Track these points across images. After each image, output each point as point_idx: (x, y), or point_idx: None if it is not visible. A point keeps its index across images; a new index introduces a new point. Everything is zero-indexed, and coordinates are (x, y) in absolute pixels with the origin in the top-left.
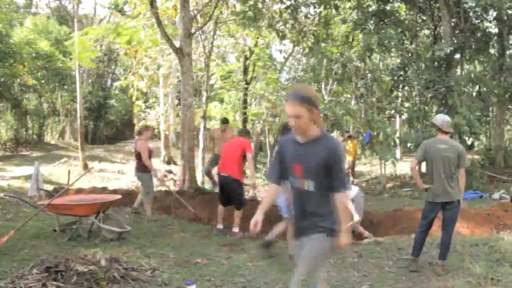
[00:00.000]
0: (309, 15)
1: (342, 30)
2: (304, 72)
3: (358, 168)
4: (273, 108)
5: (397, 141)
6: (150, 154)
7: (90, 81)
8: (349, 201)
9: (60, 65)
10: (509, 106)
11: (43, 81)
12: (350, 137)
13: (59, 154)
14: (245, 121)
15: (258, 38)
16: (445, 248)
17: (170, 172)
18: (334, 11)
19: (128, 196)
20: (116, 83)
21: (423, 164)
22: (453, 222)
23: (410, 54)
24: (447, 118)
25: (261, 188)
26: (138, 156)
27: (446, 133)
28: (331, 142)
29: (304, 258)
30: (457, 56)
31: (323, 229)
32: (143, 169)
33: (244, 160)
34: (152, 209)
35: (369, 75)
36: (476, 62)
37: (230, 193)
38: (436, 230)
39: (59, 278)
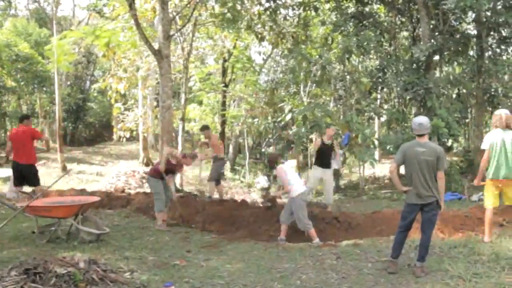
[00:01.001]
0: (288, 17)
1: (321, 32)
2: (283, 74)
3: None
4: (252, 110)
5: (376, 143)
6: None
7: (68, 83)
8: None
9: (40, 68)
10: (488, 108)
11: (22, 83)
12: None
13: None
14: (223, 123)
15: (237, 40)
16: (424, 250)
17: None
18: (313, 13)
19: (107, 198)
20: (95, 85)
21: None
22: (432, 224)
23: (389, 56)
24: (420, 120)
25: (239, 189)
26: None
27: (423, 135)
28: None
29: None
30: (436, 58)
31: None
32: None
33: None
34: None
35: (348, 77)
36: (455, 64)
37: None
38: (414, 232)
39: (37, 280)
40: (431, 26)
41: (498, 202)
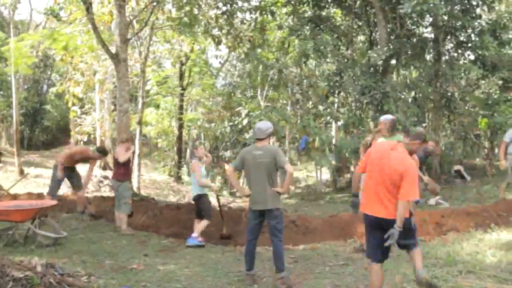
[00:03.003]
0: (245, 21)
1: (278, 36)
2: (240, 77)
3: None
4: (209, 114)
5: (333, 147)
6: None
7: (26, 86)
8: None
9: None
10: (444, 112)
11: None
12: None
13: None
14: (181, 127)
15: (194, 43)
16: (278, 260)
17: (106, 178)
18: (270, 17)
19: (64, 201)
20: (52, 89)
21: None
22: (277, 231)
23: (346, 60)
24: (259, 125)
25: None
26: None
27: (262, 139)
28: None
29: None
30: (393, 61)
31: None
32: None
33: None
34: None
35: (304, 81)
36: (412, 67)
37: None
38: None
39: None
40: (388, 30)
41: None
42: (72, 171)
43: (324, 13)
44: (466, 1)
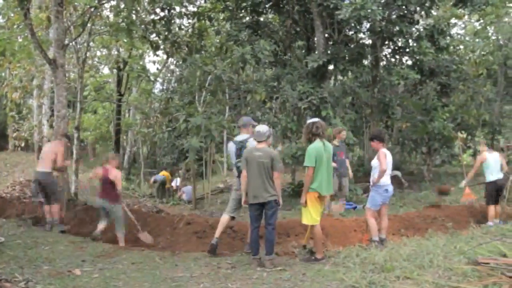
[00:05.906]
0: (182, 26)
1: (216, 41)
2: (178, 83)
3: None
4: (147, 119)
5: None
6: None
7: None
8: None
9: None
10: (382, 117)
11: None
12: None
13: None
14: (118, 132)
15: (131, 49)
16: (269, 244)
17: None
18: (207, 23)
19: (1, 207)
20: None
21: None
22: (273, 219)
23: (284, 65)
24: (259, 128)
25: (134, 199)
26: None
27: (262, 142)
28: None
29: None
30: (331, 67)
31: None
32: None
33: None
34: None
35: (242, 86)
36: (350, 73)
37: None
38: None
39: None
40: (326, 35)
41: None
42: None
43: (261, 19)
44: (403, 7)
